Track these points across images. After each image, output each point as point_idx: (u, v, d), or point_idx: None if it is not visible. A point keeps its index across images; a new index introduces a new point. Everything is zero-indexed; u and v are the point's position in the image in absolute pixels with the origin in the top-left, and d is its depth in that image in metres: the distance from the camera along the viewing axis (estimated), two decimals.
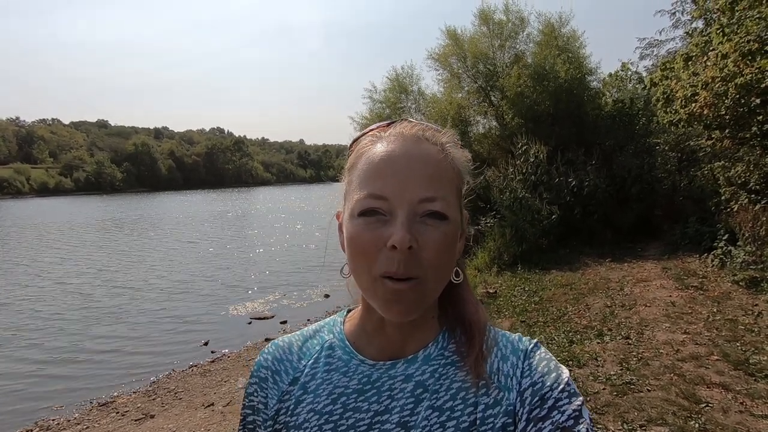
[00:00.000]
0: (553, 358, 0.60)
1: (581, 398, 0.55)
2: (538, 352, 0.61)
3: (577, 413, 0.53)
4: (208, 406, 4.65)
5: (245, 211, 35.61)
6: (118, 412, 4.81)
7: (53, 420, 4.85)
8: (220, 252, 15.59)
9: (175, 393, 5.18)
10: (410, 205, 0.54)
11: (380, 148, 0.57)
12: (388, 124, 0.62)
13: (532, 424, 0.54)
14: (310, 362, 0.66)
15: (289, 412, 0.62)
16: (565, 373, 0.57)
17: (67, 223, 27.22)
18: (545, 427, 0.53)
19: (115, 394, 5.38)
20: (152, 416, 4.61)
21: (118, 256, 15.12)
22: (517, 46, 12.29)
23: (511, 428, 0.55)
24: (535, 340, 0.63)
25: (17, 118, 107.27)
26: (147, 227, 24.14)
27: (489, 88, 12.38)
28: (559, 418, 0.53)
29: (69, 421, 4.79)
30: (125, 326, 7.83)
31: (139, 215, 32.08)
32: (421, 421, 0.57)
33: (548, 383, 0.56)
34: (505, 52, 12.29)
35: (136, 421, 4.54)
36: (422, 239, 0.53)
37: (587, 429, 0.52)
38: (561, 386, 0.55)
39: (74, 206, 43.67)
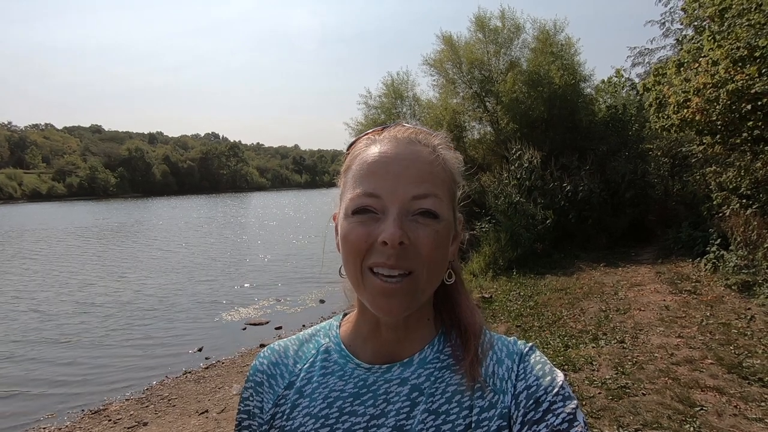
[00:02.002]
0: (548, 361, 0.61)
1: (576, 401, 0.56)
2: (533, 355, 0.61)
3: (571, 416, 0.54)
4: (203, 413, 4.60)
5: (239, 217, 35.49)
6: (110, 420, 4.75)
7: (44, 428, 4.78)
8: (213, 258, 15.50)
9: (169, 400, 5.12)
10: (402, 203, 0.55)
11: (374, 150, 0.59)
12: (383, 128, 0.63)
13: (527, 427, 0.54)
14: (305, 366, 0.66)
15: (285, 416, 0.62)
16: (560, 376, 0.58)
17: (62, 228, 26.98)
18: (540, 430, 0.53)
19: (108, 401, 5.31)
20: (145, 424, 4.56)
21: (110, 261, 14.99)
22: (512, 53, 12.43)
23: (506, 431, 0.56)
24: (530, 344, 0.63)
25: (9, 122, 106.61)
26: (140, 233, 23.98)
27: (484, 93, 12.48)
28: (554, 421, 0.53)
29: (60, 429, 4.72)
30: (117, 332, 7.74)
31: (134, 221, 31.88)
32: (416, 425, 0.57)
33: (543, 386, 0.56)
34: (500, 58, 12.40)
35: (128, 428, 4.49)
36: (413, 236, 0.54)
37: None
38: (555, 389, 0.56)
39: (64, 211, 43.31)
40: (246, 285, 11.07)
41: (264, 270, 12.97)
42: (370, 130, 0.64)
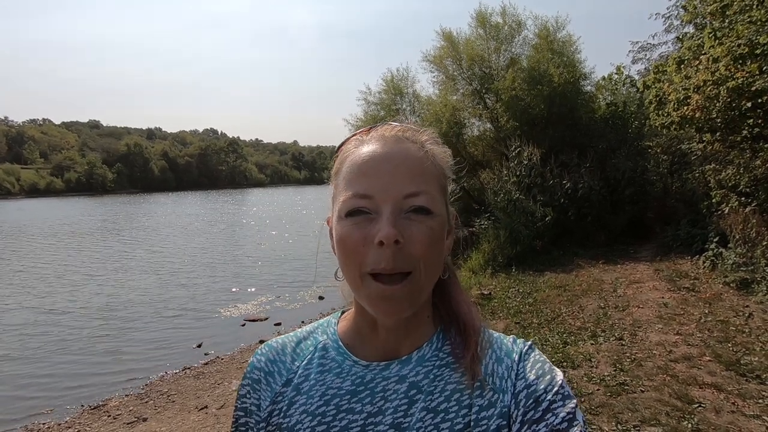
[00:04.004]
0: (548, 360, 0.61)
1: (575, 401, 0.56)
2: (533, 354, 0.61)
3: (570, 416, 0.54)
4: (202, 408, 4.61)
5: (238, 213, 35.45)
6: (110, 416, 4.76)
7: (44, 423, 4.79)
8: (212, 254, 15.51)
9: (168, 396, 5.13)
10: (395, 202, 0.55)
11: (363, 151, 0.59)
12: (370, 129, 0.63)
13: (526, 426, 0.54)
14: (303, 363, 0.66)
15: (282, 414, 0.62)
16: (559, 375, 0.58)
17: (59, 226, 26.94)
18: (539, 430, 0.53)
19: (107, 397, 5.32)
20: (145, 419, 4.57)
21: (107, 258, 14.98)
22: (513, 50, 12.36)
23: (506, 430, 0.55)
24: (530, 343, 0.63)
25: (6, 117, 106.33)
26: (137, 230, 23.96)
27: (484, 90, 12.42)
28: (553, 421, 0.53)
29: (60, 424, 4.73)
30: (117, 328, 7.75)
31: (132, 217, 31.85)
32: (415, 423, 0.56)
33: (542, 386, 0.56)
34: (500, 55, 12.34)
35: (128, 424, 4.50)
36: (408, 233, 0.54)
37: (581, 431, 0.53)
38: (555, 389, 0.56)
39: (63, 207, 43.23)
40: (245, 281, 11.08)
41: (263, 266, 12.97)
42: (358, 131, 0.64)
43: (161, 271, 12.51)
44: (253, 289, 10.18)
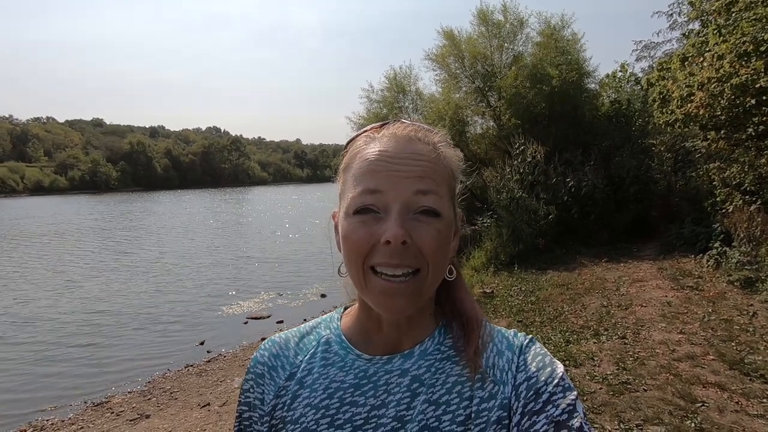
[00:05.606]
0: (548, 353, 0.61)
1: (575, 392, 0.56)
2: (533, 347, 0.61)
3: (571, 407, 0.54)
4: (204, 406, 4.63)
5: (240, 212, 35.52)
6: (113, 413, 4.79)
7: (47, 420, 4.82)
8: (214, 253, 15.54)
9: (171, 393, 5.16)
10: (404, 201, 0.55)
11: (374, 148, 0.58)
12: (381, 125, 0.63)
13: (526, 417, 0.54)
14: (306, 357, 0.66)
15: (286, 407, 0.62)
16: (560, 368, 0.58)
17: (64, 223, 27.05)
18: (540, 421, 0.53)
19: (110, 394, 5.35)
20: (147, 416, 4.59)
21: (110, 256, 15.04)
22: (516, 47, 12.29)
23: (506, 422, 0.56)
24: (530, 336, 0.63)
25: (11, 116, 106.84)
26: (140, 228, 24.05)
27: (487, 88, 12.38)
28: (554, 412, 0.54)
29: (63, 421, 4.76)
30: (120, 326, 7.79)
31: (136, 215, 31.97)
32: (417, 415, 0.57)
33: (543, 378, 0.57)
34: (503, 52, 12.28)
35: (131, 421, 4.52)
36: (416, 235, 0.54)
37: (581, 423, 0.53)
38: (555, 381, 0.56)
39: (59, 205, 43.43)
40: (247, 279, 11.10)
41: (265, 264, 13.00)
42: (369, 127, 0.64)
43: (164, 269, 12.55)
44: (255, 287, 10.20)
